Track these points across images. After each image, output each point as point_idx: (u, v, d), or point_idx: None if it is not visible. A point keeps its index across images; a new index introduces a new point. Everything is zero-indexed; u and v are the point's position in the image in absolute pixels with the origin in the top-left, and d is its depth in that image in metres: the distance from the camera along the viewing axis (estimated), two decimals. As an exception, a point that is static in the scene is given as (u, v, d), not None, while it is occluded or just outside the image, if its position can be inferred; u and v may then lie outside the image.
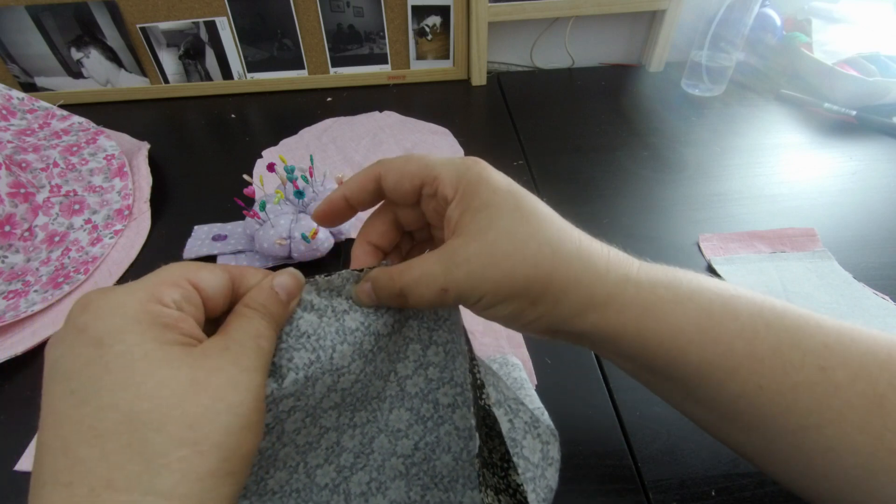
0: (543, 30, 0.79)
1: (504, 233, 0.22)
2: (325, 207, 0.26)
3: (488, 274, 0.22)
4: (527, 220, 0.22)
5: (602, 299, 0.23)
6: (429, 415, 0.26)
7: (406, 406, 0.26)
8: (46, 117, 0.57)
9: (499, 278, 0.22)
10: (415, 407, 0.26)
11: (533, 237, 0.22)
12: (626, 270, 0.23)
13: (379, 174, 0.25)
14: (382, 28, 0.73)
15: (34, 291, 0.45)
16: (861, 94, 0.64)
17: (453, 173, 0.23)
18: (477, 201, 0.23)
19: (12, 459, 0.35)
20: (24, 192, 0.49)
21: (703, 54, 0.69)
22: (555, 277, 0.22)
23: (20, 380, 0.40)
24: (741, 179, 0.57)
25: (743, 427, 0.23)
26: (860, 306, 0.41)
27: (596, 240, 0.24)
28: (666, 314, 0.22)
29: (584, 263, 0.23)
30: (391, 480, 0.26)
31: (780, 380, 0.21)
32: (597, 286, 0.22)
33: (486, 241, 0.22)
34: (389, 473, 0.26)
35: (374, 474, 0.26)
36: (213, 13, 0.70)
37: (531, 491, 0.22)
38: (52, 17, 0.67)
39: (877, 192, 0.54)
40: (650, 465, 0.33)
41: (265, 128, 0.70)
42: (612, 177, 0.58)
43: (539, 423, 0.26)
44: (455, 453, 0.26)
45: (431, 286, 0.22)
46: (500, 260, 0.22)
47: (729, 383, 0.22)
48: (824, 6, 0.72)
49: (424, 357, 0.26)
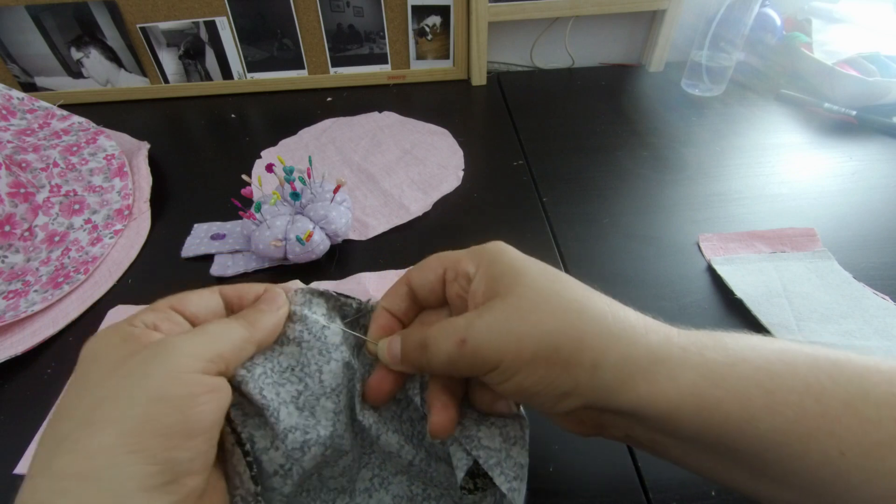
0: (543, 30, 0.79)
1: (528, 289, 0.21)
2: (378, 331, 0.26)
3: (510, 328, 0.20)
4: (553, 279, 0.22)
5: (647, 363, 0.20)
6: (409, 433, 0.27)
7: (391, 429, 0.26)
8: (46, 117, 0.57)
9: (521, 334, 0.20)
10: (397, 429, 0.27)
11: (560, 295, 0.21)
12: (666, 332, 0.21)
13: (408, 278, 0.26)
14: (382, 28, 0.73)
15: (34, 291, 0.45)
16: (861, 94, 0.64)
17: (474, 252, 0.24)
18: (500, 268, 0.22)
19: (11, 462, 0.35)
20: (24, 192, 0.49)
21: (703, 54, 0.69)
22: (587, 335, 0.20)
23: (20, 380, 0.40)
24: (741, 179, 0.57)
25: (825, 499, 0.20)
26: (860, 306, 0.41)
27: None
28: (724, 378, 0.20)
29: (619, 323, 0.21)
30: (393, 476, 0.27)
31: (861, 440, 0.19)
32: (639, 346, 0.20)
33: (511, 298, 0.21)
34: (391, 469, 0.27)
35: (376, 471, 0.27)
36: (213, 13, 0.70)
37: (499, 474, 0.22)
38: (52, 16, 0.67)
39: (877, 192, 0.54)
40: (650, 465, 0.33)
41: (265, 128, 0.70)
42: (612, 177, 0.58)
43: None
44: (447, 460, 0.26)
45: (451, 337, 0.21)
46: (524, 314, 0.20)
47: (807, 451, 0.19)
48: (824, 6, 0.72)
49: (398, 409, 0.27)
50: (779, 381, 0.20)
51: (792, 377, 0.20)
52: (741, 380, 0.20)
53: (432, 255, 0.26)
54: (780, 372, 0.20)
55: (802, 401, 0.19)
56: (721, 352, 0.20)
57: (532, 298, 0.21)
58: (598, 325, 0.20)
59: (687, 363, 0.20)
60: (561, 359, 0.20)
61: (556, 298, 0.21)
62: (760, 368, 0.20)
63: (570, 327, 0.20)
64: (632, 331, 0.20)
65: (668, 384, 0.20)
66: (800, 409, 0.19)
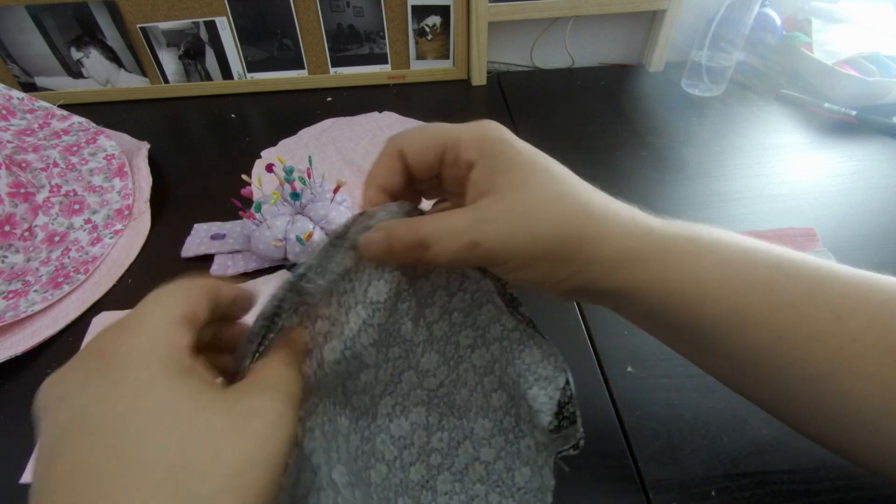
0: (543, 30, 0.79)
1: (536, 192, 0.22)
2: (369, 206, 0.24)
3: (522, 231, 0.21)
4: (557, 180, 0.23)
5: (629, 255, 0.23)
6: (451, 355, 0.29)
7: (435, 349, 0.28)
8: (46, 117, 0.57)
9: (532, 237, 0.22)
10: (441, 349, 0.28)
11: (565, 196, 0.22)
12: (650, 225, 0.24)
13: (399, 148, 0.24)
14: (382, 28, 0.73)
15: (34, 291, 0.45)
16: (861, 94, 0.64)
17: (475, 136, 0.23)
18: (503, 162, 0.22)
19: (12, 462, 0.35)
20: (24, 192, 0.49)
21: (703, 54, 0.68)
22: (586, 235, 0.22)
23: (20, 380, 0.40)
24: (741, 179, 0.57)
25: (760, 378, 0.24)
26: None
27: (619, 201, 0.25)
28: (687, 267, 0.23)
29: (613, 220, 0.23)
30: (413, 406, 0.29)
31: (795, 331, 0.22)
32: (625, 241, 0.23)
33: (518, 200, 0.22)
34: (413, 400, 0.29)
35: (399, 399, 0.28)
36: (213, 13, 0.70)
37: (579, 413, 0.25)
38: (52, 16, 0.67)
39: (877, 192, 0.54)
40: (650, 465, 0.33)
41: (265, 128, 0.70)
42: (612, 177, 0.58)
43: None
44: (470, 387, 0.30)
45: (460, 237, 0.21)
46: (534, 219, 0.22)
47: (747, 336, 0.22)
48: (824, 6, 0.72)
49: (450, 303, 0.28)
50: (734, 275, 0.23)
51: (748, 272, 0.23)
52: (703, 271, 0.23)
53: (428, 126, 0.24)
54: (738, 267, 0.23)
55: (750, 294, 0.22)
56: (693, 243, 0.23)
57: (539, 201, 0.22)
58: (597, 226, 0.22)
59: (659, 253, 0.23)
60: (562, 256, 0.22)
61: (562, 202, 0.22)
62: (721, 262, 0.23)
63: (575, 229, 0.22)
64: (622, 227, 0.23)
65: (640, 271, 0.23)
66: (746, 300, 0.22)
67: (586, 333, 0.41)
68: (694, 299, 0.23)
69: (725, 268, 0.23)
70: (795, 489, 0.32)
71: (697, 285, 0.23)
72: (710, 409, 0.36)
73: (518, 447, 0.31)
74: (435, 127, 0.24)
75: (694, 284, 0.23)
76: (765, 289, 0.22)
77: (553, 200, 0.22)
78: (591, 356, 0.40)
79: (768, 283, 0.22)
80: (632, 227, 0.23)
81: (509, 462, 0.31)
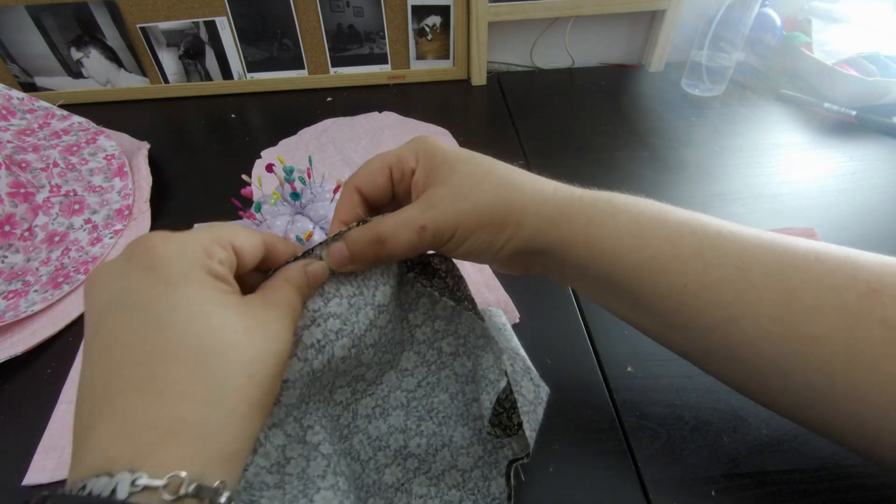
0: (543, 30, 0.79)
1: (465, 175, 0.26)
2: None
3: (459, 207, 0.25)
4: (481, 164, 0.27)
5: (554, 215, 0.26)
6: (433, 359, 0.31)
7: (414, 350, 0.31)
8: (46, 117, 0.57)
9: (467, 210, 0.25)
10: (422, 352, 0.31)
11: (489, 175, 0.26)
12: (571, 192, 0.27)
13: (353, 185, 0.27)
14: (382, 28, 0.73)
15: (34, 291, 0.45)
16: (861, 94, 0.64)
17: (411, 148, 0.27)
18: (437, 161, 0.26)
19: (12, 462, 0.35)
20: (24, 192, 0.49)
21: (703, 54, 0.69)
22: (512, 203, 0.26)
23: (20, 380, 0.40)
24: (741, 179, 0.57)
25: (677, 326, 0.26)
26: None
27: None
28: (605, 224, 0.26)
29: (535, 189, 0.27)
30: (393, 409, 0.30)
31: (701, 277, 0.24)
32: (548, 205, 0.26)
33: (453, 184, 0.26)
34: (393, 403, 0.30)
35: (379, 401, 0.30)
36: (213, 13, 0.70)
37: (526, 422, 0.25)
38: (52, 16, 0.67)
39: (877, 192, 0.54)
40: (650, 465, 0.33)
41: (265, 128, 0.70)
42: (612, 177, 0.58)
43: (531, 369, 0.29)
44: (451, 393, 0.31)
45: (410, 225, 0.25)
46: (467, 195, 0.25)
47: (660, 282, 0.25)
48: (824, 6, 0.72)
49: (433, 311, 0.30)
50: (646, 229, 0.26)
51: (659, 227, 0.26)
52: (618, 226, 0.26)
53: (372, 158, 0.28)
54: (650, 222, 0.26)
55: (661, 245, 0.25)
56: (610, 205, 0.27)
57: (469, 181, 0.26)
58: (521, 193, 0.26)
59: (581, 213, 0.26)
60: (496, 223, 0.26)
61: (488, 178, 0.26)
62: (635, 218, 0.26)
63: (502, 199, 0.26)
64: (543, 194, 0.26)
65: (566, 229, 0.26)
66: (657, 250, 0.25)
67: (586, 333, 0.41)
68: (613, 252, 0.26)
69: (639, 222, 0.26)
70: (795, 489, 0.32)
71: (615, 238, 0.26)
72: (710, 409, 0.36)
73: (496, 457, 0.31)
74: (378, 155, 0.28)
75: (612, 238, 0.26)
76: (674, 240, 0.25)
77: (481, 178, 0.26)
78: (591, 356, 0.40)
79: (677, 235, 0.25)
80: (554, 193, 0.27)
81: (486, 471, 0.31)
